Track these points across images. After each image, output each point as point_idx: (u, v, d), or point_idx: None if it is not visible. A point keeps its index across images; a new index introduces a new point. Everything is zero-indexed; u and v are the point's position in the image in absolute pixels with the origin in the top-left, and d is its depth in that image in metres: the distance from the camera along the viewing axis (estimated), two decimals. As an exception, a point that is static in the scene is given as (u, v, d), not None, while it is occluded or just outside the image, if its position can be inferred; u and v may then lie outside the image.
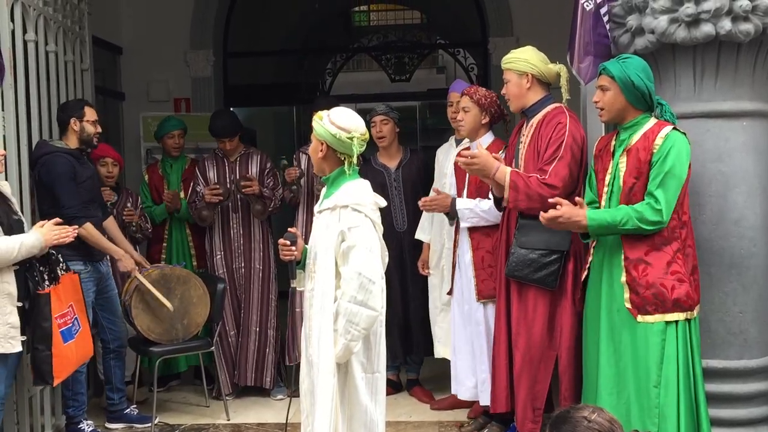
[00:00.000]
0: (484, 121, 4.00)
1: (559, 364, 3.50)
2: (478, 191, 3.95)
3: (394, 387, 4.70)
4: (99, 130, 4.18)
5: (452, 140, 4.52)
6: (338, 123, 2.84)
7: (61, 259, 3.66)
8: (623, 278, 3.01)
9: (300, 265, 3.03)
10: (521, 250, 3.49)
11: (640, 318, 2.96)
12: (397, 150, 4.71)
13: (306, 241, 3.06)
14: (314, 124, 2.89)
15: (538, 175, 3.40)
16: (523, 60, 3.59)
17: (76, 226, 3.68)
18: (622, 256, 3.02)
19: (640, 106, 3.05)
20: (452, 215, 4.01)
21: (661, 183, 2.92)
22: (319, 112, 2.92)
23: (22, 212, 3.81)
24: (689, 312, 2.99)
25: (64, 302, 3.58)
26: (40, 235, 3.41)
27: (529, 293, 3.52)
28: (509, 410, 3.69)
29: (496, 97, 4.05)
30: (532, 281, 3.48)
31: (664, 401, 2.93)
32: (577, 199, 3.12)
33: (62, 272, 3.63)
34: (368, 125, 4.57)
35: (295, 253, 2.97)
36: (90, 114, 4.13)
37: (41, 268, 3.49)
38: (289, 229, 3.07)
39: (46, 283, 3.50)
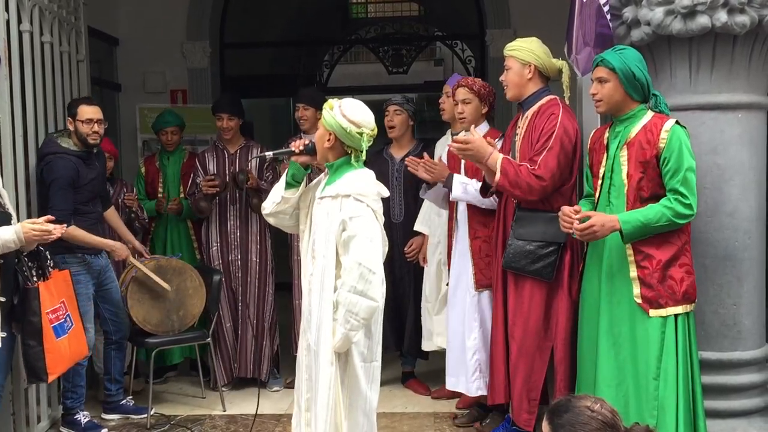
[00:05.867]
0: (483, 111, 4.01)
1: (555, 355, 3.51)
2: (474, 177, 3.94)
3: None
4: (95, 128, 4.04)
5: (449, 133, 4.52)
6: (350, 116, 2.82)
7: (49, 256, 3.59)
8: (633, 273, 2.99)
9: (295, 165, 2.97)
10: (518, 241, 3.49)
11: (653, 312, 2.95)
12: (408, 142, 4.71)
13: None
14: (324, 113, 2.87)
15: (528, 165, 3.40)
16: (528, 50, 3.58)
17: (62, 226, 3.48)
18: (630, 251, 3.00)
19: (638, 97, 3.05)
20: (446, 185, 3.95)
21: (684, 179, 2.92)
22: (330, 101, 2.89)
23: (17, 204, 3.81)
24: (693, 304, 3.01)
25: (56, 298, 3.54)
26: (21, 232, 3.25)
27: (525, 284, 3.53)
28: (507, 402, 3.70)
29: (492, 89, 4.06)
30: (529, 273, 3.48)
31: (663, 393, 2.94)
32: (576, 207, 3.10)
33: (51, 269, 3.58)
34: (384, 112, 4.61)
35: (299, 150, 2.94)
36: (84, 113, 4.02)
37: (30, 264, 3.45)
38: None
39: (34, 278, 3.46)
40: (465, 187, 3.87)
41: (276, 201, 3.02)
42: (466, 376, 3.98)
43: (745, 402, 3.30)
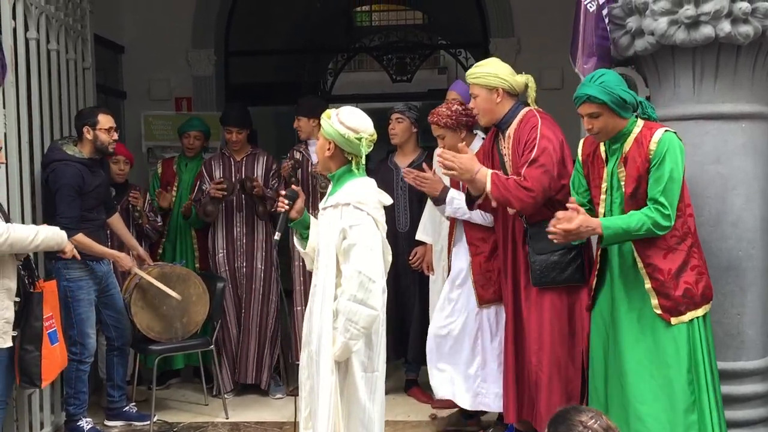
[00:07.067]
0: (463, 136, 3.92)
1: (584, 362, 3.43)
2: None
3: None
4: (115, 137, 4.14)
5: None
6: (347, 123, 2.84)
7: (34, 266, 3.69)
8: (648, 285, 2.98)
9: (296, 223, 3.04)
10: (541, 256, 3.45)
11: (674, 320, 2.95)
12: (413, 150, 4.70)
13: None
14: (322, 122, 2.90)
15: (516, 178, 3.37)
16: (493, 74, 3.53)
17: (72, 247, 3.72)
18: (640, 264, 3.00)
19: (629, 114, 3.04)
20: (439, 201, 3.89)
21: (664, 189, 2.91)
22: (328, 111, 2.92)
23: (22, 210, 3.84)
24: (710, 302, 3.02)
25: (48, 306, 3.61)
26: (65, 241, 3.53)
27: (543, 296, 3.49)
28: (518, 421, 3.67)
29: (459, 104, 3.94)
30: (561, 282, 3.44)
31: (699, 398, 2.95)
32: (570, 204, 3.02)
33: (38, 278, 3.65)
34: (388, 120, 4.63)
35: (287, 207, 2.99)
36: (104, 121, 4.09)
37: (22, 272, 3.51)
38: (293, 186, 3.06)
39: (29, 288, 3.53)
40: (458, 202, 3.80)
41: (309, 260, 3.08)
42: (462, 387, 3.93)
43: (749, 412, 3.29)
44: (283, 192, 3.03)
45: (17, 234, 3.32)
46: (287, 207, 2.99)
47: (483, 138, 4.00)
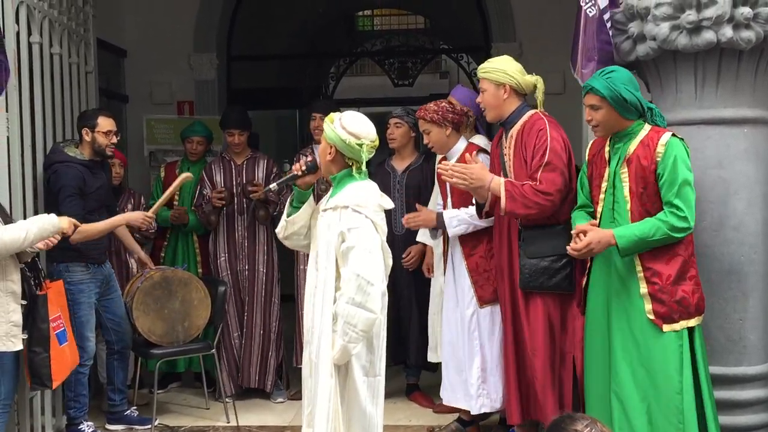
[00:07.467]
0: (448, 133, 3.96)
1: (576, 367, 3.45)
2: (461, 200, 3.91)
3: None
4: (113, 140, 4.14)
5: None
6: (349, 128, 2.84)
7: (41, 266, 3.68)
8: (643, 290, 2.99)
9: (297, 192, 3.01)
10: (531, 260, 3.47)
11: (666, 327, 2.95)
12: (410, 154, 4.72)
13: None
14: (325, 126, 2.90)
15: (531, 183, 3.39)
16: (502, 71, 3.57)
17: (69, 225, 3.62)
18: (638, 267, 3.00)
19: (633, 116, 3.05)
20: (437, 228, 3.98)
21: (678, 192, 2.92)
22: (331, 115, 2.92)
23: (24, 212, 3.85)
24: (702, 315, 3.02)
25: (56, 307, 3.62)
26: (57, 220, 3.41)
27: (536, 299, 3.51)
28: (523, 422, 3.67)
29: (448, 103, 3.99)
30: (548, 288, 3.46)
31: (687, 407, 2.94)
32: (592, 222, 3.10)
33: (44, 279, 3.65)
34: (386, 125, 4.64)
35: (300, 173, 2.96)
36: (104, 124, 4.10)
37: (28, 274, 3.52)
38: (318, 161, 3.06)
39: (35, 289, 3.53)
40: (458, 220, 3.84)
41: (282, 225, 3.06)
42: (466, 392, 3.94)
43: (751, 417, 3.28)
44: (310, 158, 3.01)
45: (8, 235, 3.26)
46: (300, 173, 2.97)
47: (468, 141, 4.02)
